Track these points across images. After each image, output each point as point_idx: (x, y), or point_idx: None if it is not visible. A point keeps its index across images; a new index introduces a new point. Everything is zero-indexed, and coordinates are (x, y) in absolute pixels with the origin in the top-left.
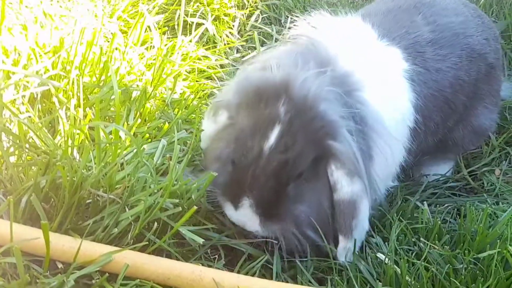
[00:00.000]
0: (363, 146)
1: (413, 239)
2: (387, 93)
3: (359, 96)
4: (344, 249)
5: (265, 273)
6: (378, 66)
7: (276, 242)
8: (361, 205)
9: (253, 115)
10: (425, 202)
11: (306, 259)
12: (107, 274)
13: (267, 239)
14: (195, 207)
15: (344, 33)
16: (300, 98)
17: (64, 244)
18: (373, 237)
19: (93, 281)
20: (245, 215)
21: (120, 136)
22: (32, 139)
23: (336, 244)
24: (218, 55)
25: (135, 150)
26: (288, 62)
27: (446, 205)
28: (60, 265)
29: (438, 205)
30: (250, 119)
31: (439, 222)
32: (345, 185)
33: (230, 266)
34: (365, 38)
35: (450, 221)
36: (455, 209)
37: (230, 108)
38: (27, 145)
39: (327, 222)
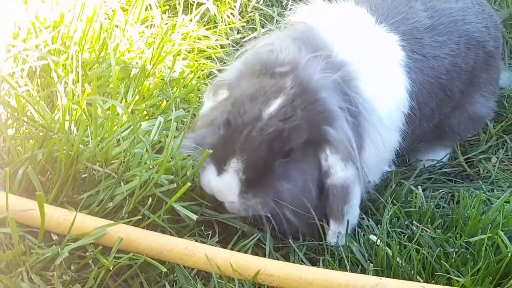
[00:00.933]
0: (356, 134)
1: (405, 222)
2: (382, 81)
3: (355, 86)
4: (335, 233)
5: (258, 251)
6: (374, 54)
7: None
8: (353, 190)
9: (257, 82)
10: (419, 187)
11: (298, 241)
12: (100, 247)
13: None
14: (189, 183)
15: (341, 20)
16: (305, 79)
17: (59, 216)
18: (367, 220)
19: (87, 254)
20: (227, 182)
21: (117, 112)
22: (31, 112)
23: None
24: (219, 35)
25: (131, 127)
26: (292, 46)
27: (441, 190)
28: (55, 237)
29: (433, 190)
30: (252, 86)
31: (432, 206)
32: (339, 170)
33: (224, 243)
34: (363, 24)
35: (444, 206)
36: (450, 195)
37: (231, 86)
38: (25, 118)
39: (310, 205)
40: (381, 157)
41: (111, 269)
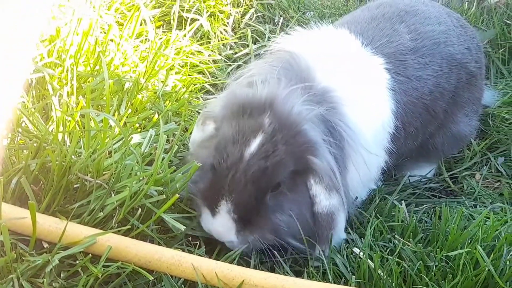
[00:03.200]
0: (339, 160)
1: (388, 236)
2: (367, 105)
3: (338, 113)
4: (319, 251)
5: (243, 264)
6: (359, 78)
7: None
8: (338, 217)
9: (236, 124)
10: (403, 202)
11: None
12: (90, 255)
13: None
14: (177, 195)
15: (326, 45)
16: (284, 113)
17: (51, 225)
18: (351, 234)
19: (77, 262)
20: (221, 223)
21: (110, 125)
22: (25, 123)
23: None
24: (212, 50)
25: (123, 139)
26: (272, 78)
27: (424, 205)
28: (46, 245)
29: (417, 205)
30: (233, 128)
31: (415, 220)
32: (323, 199)
33: (211, 254)
34: (348, 48)
35: (426, 221)
36: (433, 210)
37: (216, 120)
38: (19, 130)
39: (309, 231)
40: (368, 176)
41: (99, 277)
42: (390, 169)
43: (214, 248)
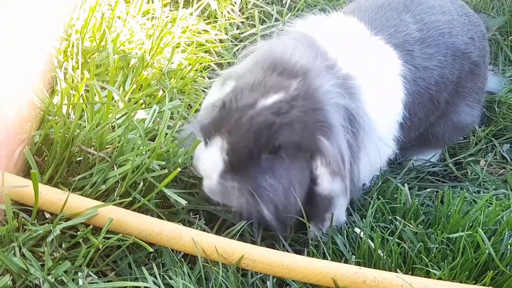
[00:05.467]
0: (355, 148)
1: (390, 218)
2: (384, 95)
3: (358, 102)
4: (315, 234)
5: (246, 240)
6: (376, 67)
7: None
8: (337, 202)
9: (261, 75)
10: (405, 184)
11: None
12: (91, 227)
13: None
14: (179, 169)
15: (340, 33)
16: (313, 86)
17: (53, 196)
18: (352, 216)
19: (78, 233)
20: (211, 155)
21: (114, 99)
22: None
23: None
24: (218, 30)
25: (127, 114)
26: (309, 52)
27: (427, 189)
28: (48, 216)
29: (420, 189)
30: (256, 78)
31: (417, 203)
32: (325, 182)
33: (211, 230)
34: (361, 36)
35: (428, 204)
36: (435, 194)
37: (239, 78)
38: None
39: (293, 208)
40: (377, 165)
41: (100, 248)
42: (395, 157)
43: (214, 224)
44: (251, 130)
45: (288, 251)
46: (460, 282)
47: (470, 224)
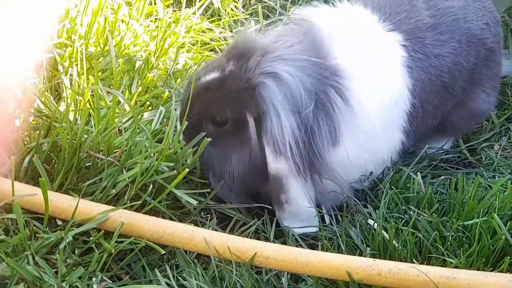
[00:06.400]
0: (326, 133)
1: (403, 208)
2: (378, 82)
3: (337, 87)
4: (282, 218)
5: (259, 237)
6: (373, 56)
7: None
8: (287, 182)
9: (220, 57)
10: (418, 173)
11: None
12: (103, 232)
13: None
14: (187, 169)
15: (343, 21)
16: (248, 68)
17: (64, 203)
18: (367, 207)
19: (90, 238)
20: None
21: (120, 103)
22: (37, 104)
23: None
24: (222, 28)
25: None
26: (272, 37)
27: (441, 177)
28: (59, 222)
29: (433, 177)
30: (217, 59)
31: (430, 191)
32: (270, 161)
33: (224, 230)
34: (364, 26)
35: (442, 192)
36: (449, 181)
37: None
38: (32, 110)
39: (226, 179)
40: (378, 155)
41: (113, 252)
42: (408, 150)
43: (228, 225)
44: (188, 101)
45: (302, 247)
46: (478, 269)
47: (486, 210)
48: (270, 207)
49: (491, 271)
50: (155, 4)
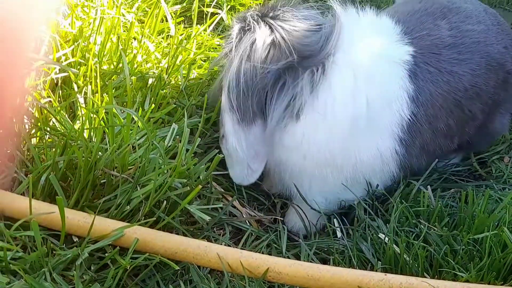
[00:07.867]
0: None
1: (414, 221)
2: (372, 79)
3: (319, 68)
4: (227, 165)
5: (271, 251)
6: (374, 55)
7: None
8: (223, 115)
9: None
10: (428, 186)
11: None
12: (118, 248)
13: None
14: (200, 186)
15: (364, 24)
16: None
17: (80, 220)
18: (375, 221)
19: (106, 254)
20: None
21: (134, 120)
22: (53, 122)
23: None
24: None
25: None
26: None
27: (451, 189)
28: (75, 239)
29: (444, 190)
30: None
31: (440, 204)
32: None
33: (237, 245)
34: (382, 33)
35: (453, 205)
36: (459, 194)
37: None
38: (47, 128)
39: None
40: (369, 157)
41: (128, 268)
42: (411, 167)
43: (241, 239)
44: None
45: (313, 260)
46: (488, 283)
47: (496, 223)
48: (282, 218)
49: (502, 284)
50: (167, 21)
